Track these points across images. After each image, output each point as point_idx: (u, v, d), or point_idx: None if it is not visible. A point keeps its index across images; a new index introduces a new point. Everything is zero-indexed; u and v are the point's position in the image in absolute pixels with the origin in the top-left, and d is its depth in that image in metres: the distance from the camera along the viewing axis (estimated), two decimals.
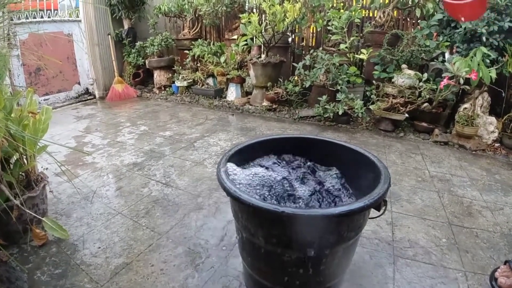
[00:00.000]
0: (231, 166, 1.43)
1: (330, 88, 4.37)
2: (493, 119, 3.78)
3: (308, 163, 1.67)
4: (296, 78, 4.98)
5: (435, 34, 4.11)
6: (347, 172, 1.60)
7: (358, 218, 1.24)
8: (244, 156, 1.60)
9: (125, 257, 1.93)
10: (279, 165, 1.62)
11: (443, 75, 3.74)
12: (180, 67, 6.11)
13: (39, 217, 1.96)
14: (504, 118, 3.83)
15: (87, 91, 6.10)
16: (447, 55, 3.91)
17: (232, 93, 5.58)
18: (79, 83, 5.94)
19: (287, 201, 1.38)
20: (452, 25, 3.87)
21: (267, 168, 1.57)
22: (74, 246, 2.02)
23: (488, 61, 3.47)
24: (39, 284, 1.71)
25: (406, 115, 3.99)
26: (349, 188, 1.51)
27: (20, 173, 2.11)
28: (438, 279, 1.78)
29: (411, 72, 4.02)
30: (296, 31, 5.50)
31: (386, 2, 4.69)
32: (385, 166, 1.39)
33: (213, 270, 1.82)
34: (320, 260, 1.27)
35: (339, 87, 4.28)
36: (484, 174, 3.09)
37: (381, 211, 1.25)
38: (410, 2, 4.45)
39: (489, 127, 3.75)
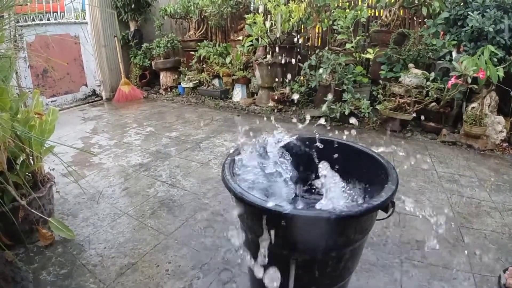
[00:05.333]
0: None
1: (336, 88, 4.34)
2: (501, 118, 3.73)
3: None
4: (301, 78, 4.96)
5: (442, 32, 4.07)
6: (353, 172, 1.58)
7: (366, 220, 1.22)
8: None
9: (131, 258, 1.93)
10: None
11: (450, 74, 3.70)
12: (186, 68, 6.13)
13: (45, 217, 1.97)
14: None
15: (94, 93, 6.14)
16: (454, 54, 3.87)
17: (238, 94, 5.57)
18: (86, 85, 5.98)
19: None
20: (459, 23, 3.82)
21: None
22: (80, 246, 2.03)
23: (495, 59, 3.42)
24: (45, 284, 1.72)
25: (414, 114, 3.95)
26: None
27: (27, 173, 2.13)
28: (446, 281, 1.76)
29: (418, 71, 3.98)
30: (302, 31, 5.48)
31: (392, 1, 4.65)
32: (393, 167, 1.37)
33: (218, 271, 1.82)
34: (326, 263, 1.25)
35: (345, 87, 4.25)
36: (493, 175, 3.04)
37: (389, 212, 1.23)
38: (416, 1, 4.41)
39: (497, 126, 3.69)
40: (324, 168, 1.37)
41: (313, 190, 1.65)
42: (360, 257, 1.44)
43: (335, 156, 1.52)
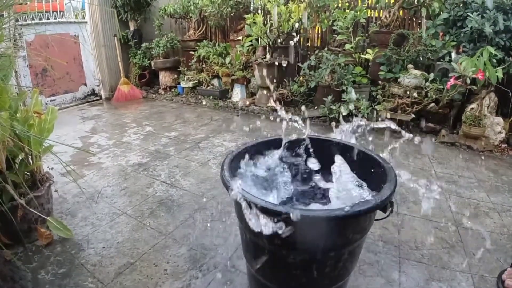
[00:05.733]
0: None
1: (336, 89, 4.34)
2: (500, 119, 3.73)
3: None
4: (301, 78, 4.96)
5: (441, 33, 4.07)
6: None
7: (364, 220, 1.22)
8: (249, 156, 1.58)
9: (129, 257, 1.93)
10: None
11: (449, 75, 3.70)
12: (186, 68, 6.12)
13: (44, 217, 1.97)
14: (511, 119, 3.79)
15: (93, 92, 6.13)
16: (453, 54, 3.87)
17: (237, 94, 5.57)
18: (85, 84, 5.98)
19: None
20: (458, 24, 3.83)
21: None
22: (78, 246, 2.03)
23: (494, 60, 3.42)
24: (43, 283, 1.72)
25: (413, 115, 3.95)
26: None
27: (26, 172, 2.12)
28: (445, 282, 1.76)
29: (417, 72, 3.98)
30: (301, 31, 5.47)
31: (391, 2, 4.65)
32: (391, 167, 1.37)
33: (217, 271, 1.82)
34: (325, 263, 1.25)
35: (344, 88, 4.25)
36: (491, 175, 3.05)
37: (387, 213, 1.23)
38: (416, 2, 4.41)
39: (496, 127, 3.70)
40: (339, 159, 1.40)
41: (312, 189, 1.66)
42: (358, 257, 1.45)
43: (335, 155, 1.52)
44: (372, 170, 1.44)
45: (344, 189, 1.39)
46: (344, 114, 4.05)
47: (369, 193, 1.34)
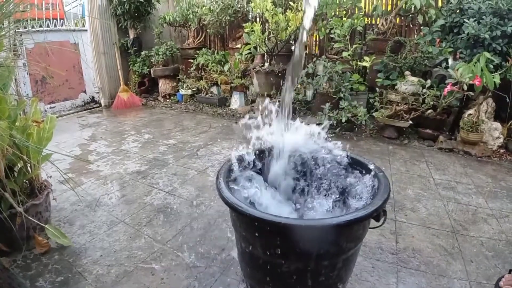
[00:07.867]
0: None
1: (333, 96, 4.36)
2: (498, 124, 3.74)
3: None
4: (299, 86, 4.98)
5: (438, 40, 4.10)
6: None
7: (357, 228, 1.22)
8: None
9: (127, 266, 1.93)
10: None
11: (446, 81, 3.72)
12: (185, 76, 6.16)
13: (42, 225, 1.98)
14: (509, 124, 3.79)
15: (93, 100, 6.16)
16: (450, 61, 3.89)
17: (236, 102, 5.60)
18: (85, 92, 6.01)
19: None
20: (455, 31, 3.86)
21: None
22: (76, 254, 2.03)
23: (491, 66, 3.44)
24: None
25: (410, 122, 3.96)
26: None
27: (24, 181, 2.14)
28: None
29: (415, 79, 4.00)
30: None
31: (388, 9, 4.69)
32: (385, 175, 1.38)
33: (213, 280, 1.82)
34: (319, 271, 1.25)
35: (342, 95, 4.27)
36: (490, 181, 3.05)
37: (381, 221, 1.23)
38: (412, 9, 4.45)
39: (494, 133, 3.71)
40: None
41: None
42: (354, 265, 1.45)
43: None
44: (365, 178, 1.44)
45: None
46: (344, 121, 4.06)
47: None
